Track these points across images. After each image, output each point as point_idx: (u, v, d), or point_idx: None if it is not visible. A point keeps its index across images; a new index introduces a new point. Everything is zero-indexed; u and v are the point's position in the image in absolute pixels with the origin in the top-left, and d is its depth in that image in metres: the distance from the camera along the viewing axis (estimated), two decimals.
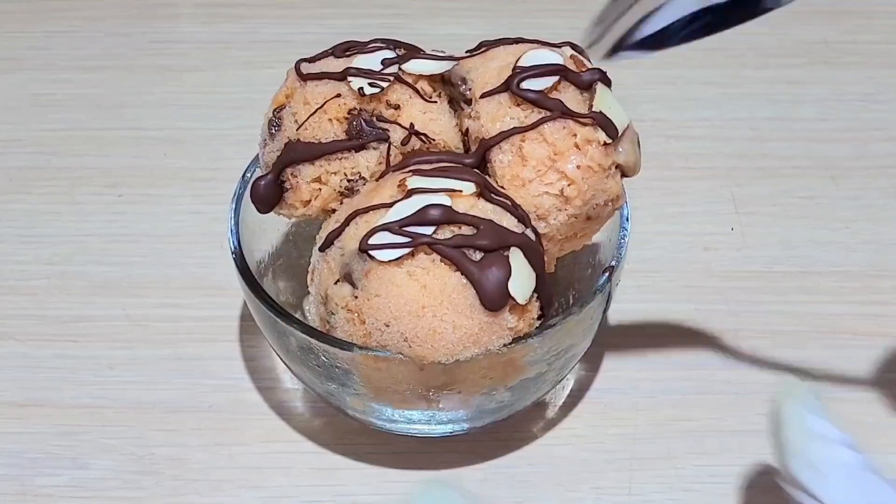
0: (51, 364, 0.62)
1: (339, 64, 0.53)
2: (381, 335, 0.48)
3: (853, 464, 0.47)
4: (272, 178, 0.53)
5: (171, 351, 0.62)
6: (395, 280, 0.48)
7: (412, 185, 0.49)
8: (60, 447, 0.58)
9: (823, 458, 0.47)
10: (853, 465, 0.47)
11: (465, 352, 0.48)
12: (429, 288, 0.48)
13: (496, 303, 0.48)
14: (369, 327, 0.49)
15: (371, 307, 0.48)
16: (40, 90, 0.77)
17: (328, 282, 0.50)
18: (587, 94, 0.52)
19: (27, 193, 0.71)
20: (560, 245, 0.52)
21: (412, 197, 0.49)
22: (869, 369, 0.61)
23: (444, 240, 0.48)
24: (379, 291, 0.48)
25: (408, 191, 0.49)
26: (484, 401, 0.53)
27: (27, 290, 0.65)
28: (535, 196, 0.50)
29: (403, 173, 0.50)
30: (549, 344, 0.51)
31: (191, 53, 0.80)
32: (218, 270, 0.65)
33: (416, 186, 0.49)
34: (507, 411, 0.55)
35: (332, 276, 0.50)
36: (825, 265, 0.66)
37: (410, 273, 0.48)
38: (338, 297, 0.50)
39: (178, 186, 0.71)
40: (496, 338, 0.49)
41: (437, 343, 0.48)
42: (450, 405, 0.53)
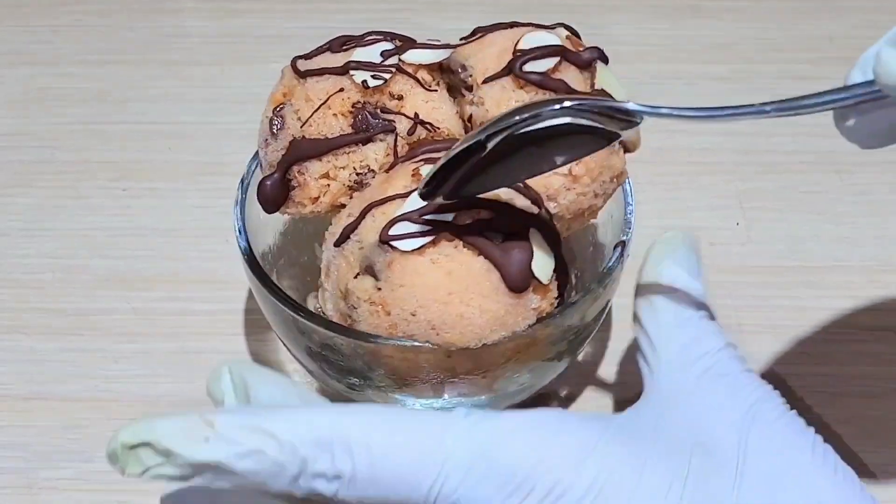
0: (56, 357, 0.62)
1: (338, 59, 0.52)
2: (408, 325, 0.48)
3: (689, 307, 0.48)
4: (278, 177, 0.53)
5: (177, 344, 0.62)
6: (419, 269, 0.48)
7: (425, 173, 0.49)
8: (66, 440, 0.58)
9: (662, 297, 0.49)
10: (688, 308, 0.48)
11: (493, 335, 0.48)
12: (454, 274, 0.48)
13: (521, 284, 0.48)
14: (395, 318, 0.49)
15: (396, 298, 0.48)
16: (46, 84, 0.77)
17: (348, 276, 0.50)
18: (587, 73, 0.52)
19: (32, 187, 0.71)
20: (567, 224, 0.52)
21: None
22: (874, 364, 0.61)
23: (464, 226, 0.48)
24: (403, 281, 0.48)
25: (420, 178, 0.49)
26: (506, 384, 0.53)
27: (32, 283, 0.65)
28: (545, 177, 0.51)
29: (415, 163, 0.50)
30: (569, 322, 0.51)
31: (196, 48, 0.80)
32: (223, 264, 0.65)
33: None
34: (525, 393, 0.55)
35: (352, 270, 0.50)
36: (830, 260, 0.66)
37: (434, 261, 0.48)
38: (360, 290, 0.49)
39: (183, 180, 0.71)
40: (521, 319, 0.49)
41: (465, 328, 0.48)
42: (473, 391, 0.53)
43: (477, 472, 0.42)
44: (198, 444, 0.40)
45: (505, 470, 0.42)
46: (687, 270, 0.50)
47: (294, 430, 0.41)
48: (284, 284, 0.57)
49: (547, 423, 0.43)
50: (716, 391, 0.45)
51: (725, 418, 0.44)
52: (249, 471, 0.40)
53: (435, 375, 0.51)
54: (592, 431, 0.43)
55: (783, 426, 0.44)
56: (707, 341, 0.47)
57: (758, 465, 0.43)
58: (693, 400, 0.45)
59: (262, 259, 0.55)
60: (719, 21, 0.82)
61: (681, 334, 0.47)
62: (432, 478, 0.41)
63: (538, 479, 0.42)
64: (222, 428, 0.40)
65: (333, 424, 0.41)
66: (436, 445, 0.42)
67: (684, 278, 0.50)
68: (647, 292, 0.49)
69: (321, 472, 0.41)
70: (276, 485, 0.41)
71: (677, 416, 0.45)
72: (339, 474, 0.41)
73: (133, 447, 0.41)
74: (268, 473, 0.41)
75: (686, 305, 0.48)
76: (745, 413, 0.44)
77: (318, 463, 0.41)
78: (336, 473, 0.41)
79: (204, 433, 0.40)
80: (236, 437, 0.40)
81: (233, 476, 0.41)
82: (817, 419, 0.59)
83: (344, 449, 0.41)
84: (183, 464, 0.40)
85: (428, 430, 0.42)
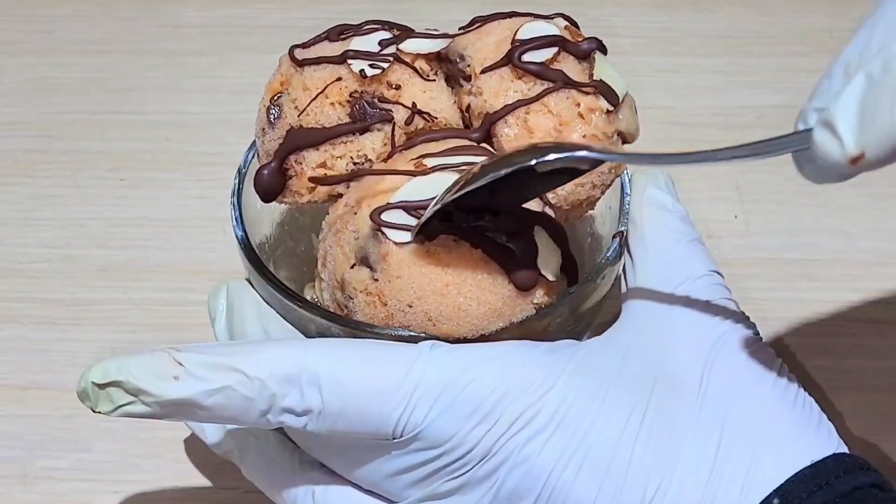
0: (53, 347, 0.62)
1: (336, 48, 0.52)
2: (405, 316, 0.48)
3: (675, 230, 0.48)
4: (275, 166, 0.52)
5: (174, 335, 0.62)
6: (416, 260, 0.48)
7: (430, 164, 0.49)
8: (62, 430, 0.58)
9: (649, 219, 0.49)
10: (675, 231, 0.48)
11: (490, 326, 0.48)
12: (451, 266, 0.48)
13: (528, 283, 0.48)
14: (391, 309, 0.48)
15: (393, 289, 0.48)
16: (44, 74, 0.77)
17: (344, 266, 0.50)
18: (586, 63, 0.52)
19: (30, 177, 0.71)
20: (565, 215, 0.52)
21: (430, 175, 0.49)
22: (874, 357, 0.61)
23: (467, 228, 0.48)
24: (400, 273, 0.48)
25: (424, 169, 0.49)
26: None
27: (30, 272, 0.65)
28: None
29: (415, 156, 0.50)
30: (567, 313, 0.51)
31: (195, 38, 0.80)
32: (221, 255, 0.65)
33: (435, 165, 0.49)
34: None
35: (348, 260, 0.50)
36: (830, 253, 0.66)
37: (431, 252, 0.48)
38: (356, 280, 0.49)
39: (181, 170, 0.71)
40: (519, 311, 0.49)
41: (462, 320, 0.48)
42: None
43: (444, 402, 0.42)
44: (167, 382, 0.41)
45: (471, 399, 0.42)
46: (671, 194, 0.50)
47: (262, 367, 0.42)
48: (281, 275, 0.57)
49: (514, 355, 0.44)
50: (687, 320, 0.45)
51: (693, 347, 0.44)
52: (218, 406, 0.41)
53: None
54: (558, 363, 0.44)
55: (749, 356, 0.45)
56: (690, 266, 0.47)
57: (717, 395, 0.43)
58: (664, 328, 0.45)
59: (258, 249, 0.55)
60: (718, 13, 0.82)
61: (665, 256, 0.47)
62: (400, 409, 0.42)
63: (504, 409, 0.42)
64: (191, 366, 0.41)
65: (301, 359, 0.42)
66: (403, 376, 0.43)
67: (669, 201, 0.50)
68: (634, 212, 0.49)
69: (290, 407, 0.42)
70: (246, 419, 0.42)
71: (646, 344, 0.45)
72: (308, 409, 0.42)
73: (103, 386, 0.41)
74: (237, 409, 0.42)
75: (672, 228, 0.48)
76: (714, 343, 0.45)
77: (287, 398, 0.42)
78: (305, 409, 0.42)
79: (173, 371, 0.41)
80: (205, 375, 0.41)
81: (202, 412, 0.42)
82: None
83: (311, 384, 0.42)
84: (153, 402, 0.41)
85: (395, 361, 0.43)
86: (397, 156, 0.51)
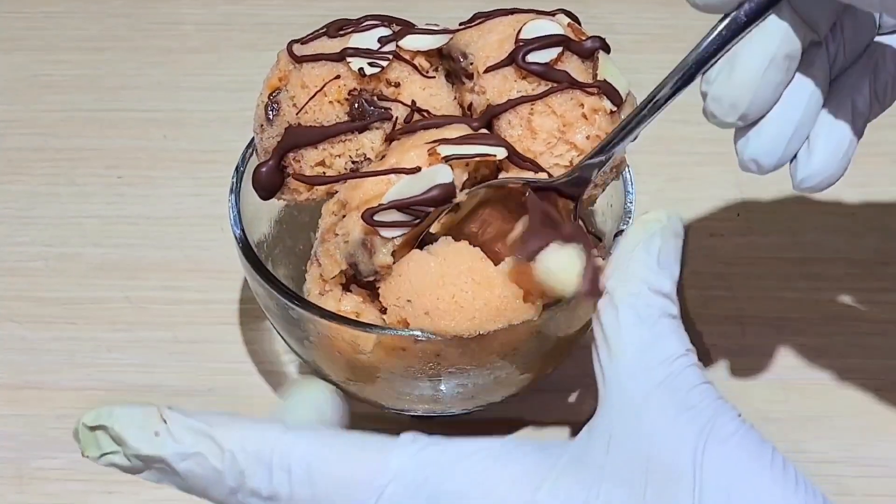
0: (49, 347, 0.61)
1: (334, 44, 0.52)
2: (403, 310, 0.48)
3: (652, 304, 0.45)
4: (273, 164, 0.52)
5: (171, 334, 0.62)
6: (414, 259, 0.48)
7: (444, 153, 0.49)
8: (58, 430, 0.57)
9: (624, 292, 0.45)
10: (651, 306, 0.44)
11: (488, 325, 0.48)
12: (450, 263, 0.48)
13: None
14: (389, 304, 0.48)
15: (390, 287, 0.48)
16: (39, 71, 0.77)
17: (332, 271, 0.50)
18: (589, 63, 0.52)
19: (26, 175, 0.70)
20: None
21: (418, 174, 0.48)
22: (875, 356, 0.61)
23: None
24: (399, 271, 0.48)
25: (437, 158, 0.49)
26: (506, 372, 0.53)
27: (25, 271, 0.65)
28: (548, 168, 0.50)
29: (429, 140, 0.50)
30: (564, 317, 0.51)
31: (192, 35, 0.80)
32: (218, 253, 0.65)
33: (449, 154, 0.48)
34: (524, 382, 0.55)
35: (336, 266, 0.50)
36: (831, 252, 0.66)
37: (431, 250, 0.48)
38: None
39: (178, 168, 0.71)
40: (520, 313, 0.48)
41: (460, 316, 0.48)
42: (467, 378, 0.52)
43: (420, 498, 0.41)
44: (147, 436, 0.41)
45: (449, 498, 0.41)
46: (658, 261, 0.46)
47: (235, 440, 0.41)
48: (280, 273, 0.57)
49: (496, 453, 0.42)
50: (670, 406, 0.43)
51: (680, 437, 0.42)
52: (190, 474, 0.41)
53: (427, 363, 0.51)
54: (543, 463, 0.42)
55: (739, 441, 0.42)
56: (666, 346, 0.44)
57: (715, 484, 0.41)
58: (647, 416, 0.43)
59: (257, 248, 0.55)
60: None
61: (639, 336, 0.44)
62: (373, 500, 0.41)
63: None
64: (173, 425, 0.41)
65: (274, 439, 0.41)
66: (380, 468, 0.41)
67: (653, 272, 0.45)
68: (610, 285, 0.45)
69: (256, 489, 0.41)
70: (215, 493, 0.41)
71: (631, 434, 0.42)
72: (274, 495, 0.41)
73: (93, 429, 0.41)
74: (208, 480, 0.41)
75: (650, 302, 0.45)
76: (700, 430, 0.42)
77: (255, 479, 0.41)
78: (271, 493, 0.41)
79: (156, 426, 0.41)
80: (182, 437, 0.41)
81: (176, 477, 0.41)
82: (817, 411, 0.59)
83: (281, 467, 0.41)
84: (132, 455, 0.41)
85: (373, 452, 0.41)
86: (400, 142, 0.51)
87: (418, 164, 0.49)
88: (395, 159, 0.49)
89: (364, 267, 0.49)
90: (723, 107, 0.47)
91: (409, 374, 0.51)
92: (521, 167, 0.50)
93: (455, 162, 0.48)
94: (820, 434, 0.58)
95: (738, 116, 0.47)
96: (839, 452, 0.57)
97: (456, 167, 0.48)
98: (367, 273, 0.49)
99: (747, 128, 0.47)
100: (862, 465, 0.57)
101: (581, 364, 0.59)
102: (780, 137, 0.47)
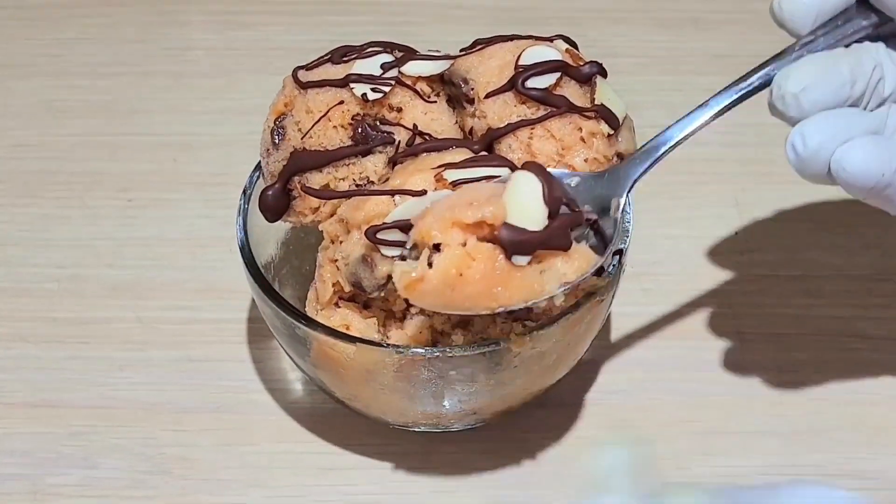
0: (62, 366, 0.62)
1: (338, 70, 0.53)
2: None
3: None
4: (279, 187, 0.53)
5: (182, 353, 0.63)
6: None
7: (451, 177, 0.50)
8: (71, 447, 0.59)
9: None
10: None
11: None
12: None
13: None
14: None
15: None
16: (53, 96, 0.78)
17: (325, 295, 0.52)
18: (587, 88, 0.53)
19: (40, 198, 0.71)
20: None
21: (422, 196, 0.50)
22: (872, 372, 0.62)
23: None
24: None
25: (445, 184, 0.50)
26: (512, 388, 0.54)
27: (39, 292, 0.66)
28: None
29: (434, 165, 0.51)
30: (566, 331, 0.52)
31: (202, 60, 0.81)
32: (227, 274, 0.66)
33: (456, 179, 0.50)
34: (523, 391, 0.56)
35: (328, 291, 0.51)
36: (829, 268, 0.67)
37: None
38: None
39: (188, 191, 0.71)
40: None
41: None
42: (469, 395, 0.54)
43: None
44: None
45: None
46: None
47: None
48: (287, 293, 0.58)
49: None
50: None
51: None
52: None
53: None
54: None
55: None
56: None
57: None
58: None
59: (264, 269, 0.56)
60: (720, 32, 0.83)
61: None
62: None
63: None
64: None
65: None
66: None
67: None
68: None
69: None
70: None
71: None
72: None
73: None
74: None
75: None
76: None
77: None
78: None
79: None
80: None
81: None
82: (817, 426, 0.60)
83: None
84: None
85: None
86: (404, 165, 0.52)
87: (424, 187, 0.50)
88: (400, 181, 0.51)
89: (368, 283, 0.50)
90: None
91: (410, 388, 0.52)
92: None
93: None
94: (817, 448, 0.59)
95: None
96: (837, 466, 0.58)
97: None
98: (372, 288, 0.51)
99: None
100: (859, 479, 0.57)
101: (582, 380, 0.61)
102: None
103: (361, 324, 0.52)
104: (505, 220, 0.46)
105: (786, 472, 0.58)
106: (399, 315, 0.54)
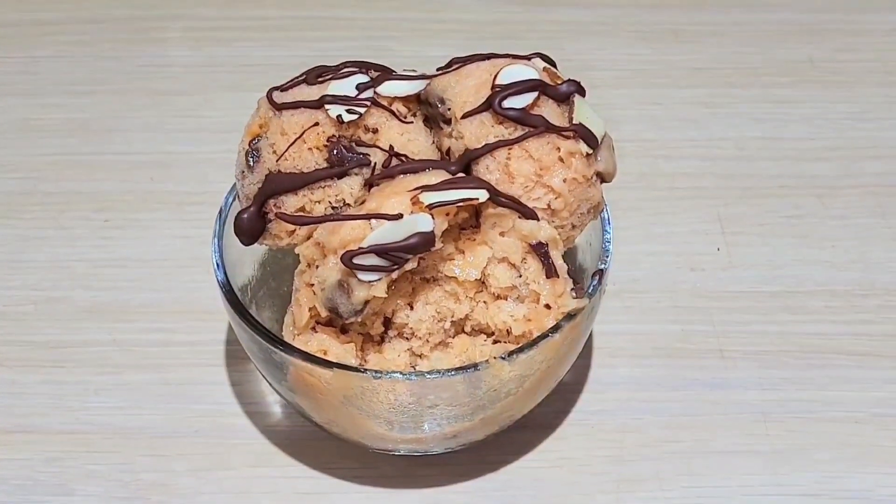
0: (37, 390, 0.62)
1: (313, 91, 0.53)
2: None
3: None
4: (255, 210, 0.53)
5: (158, 376, 0.62)
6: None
7: (427, 200, 0.49)
8: (47, 474, 0.58)
9: None
10: None
11: None
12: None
13: None
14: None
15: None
16: (27, 115, 0.77)
17: (303, 319, 0.51)
18: (565, 107, 0.53)
19: (15, 219, 0.71)
20: None
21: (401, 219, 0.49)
22: (855, 389, 0.61)
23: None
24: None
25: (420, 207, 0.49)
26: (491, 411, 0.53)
27: (14, 315, 0.65)
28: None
29: (410, 188, 0.50)
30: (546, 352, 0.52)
31: (179, 77, 0.80)
32: (205, 294, 0.65)
33: (433, 202, 0.49)
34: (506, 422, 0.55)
35: (304, 316, 0.51)
36: (812, 284, 0.67)
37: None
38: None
39: (165, 210, 0.71)
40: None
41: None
42: (452, 418, 0.53)
43: None
44: None
45: None
46: None
47: None
48: (265, 315, 0.57)
49: None
50: None
51: None
52: None
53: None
54: None
55: None
56: None
57: None
58: None
59: (241, 290, 0.56)
60: (699, 45, 0.83)
61: None
62: None
63: None
64: None
65: None
66: None
67: None
68: None
69: None
70: None
71: None
72: None
73: None
74: None
75: None
76: None
77: None
78: None
79: None
80: None
81: None
82: (799, 445, 0.59)
83: None
84: None
85: None
86: (380, 187, 0.51)
87: (400, 210, 0.49)
88: (376, 204, 0.50)
89: (345, 308, 0.50)
90: None
91: (389, 412, 0.52)
92: (502, 206, 0.51)
93: (437, 210, 0.49)
94: (800, 467, 0.58)
95: None
96: (820, 485, 0.57)
97: (437, 216, 0.49)
98: (349, 314, 0.50)
99: None
100: (842, 499, 0.57)
101: (563, 400, 0.61)
102: None
103: (339, 348, 0.52)
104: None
105: (769, 491, 0.57)
106: (377, 339, 0.53)
